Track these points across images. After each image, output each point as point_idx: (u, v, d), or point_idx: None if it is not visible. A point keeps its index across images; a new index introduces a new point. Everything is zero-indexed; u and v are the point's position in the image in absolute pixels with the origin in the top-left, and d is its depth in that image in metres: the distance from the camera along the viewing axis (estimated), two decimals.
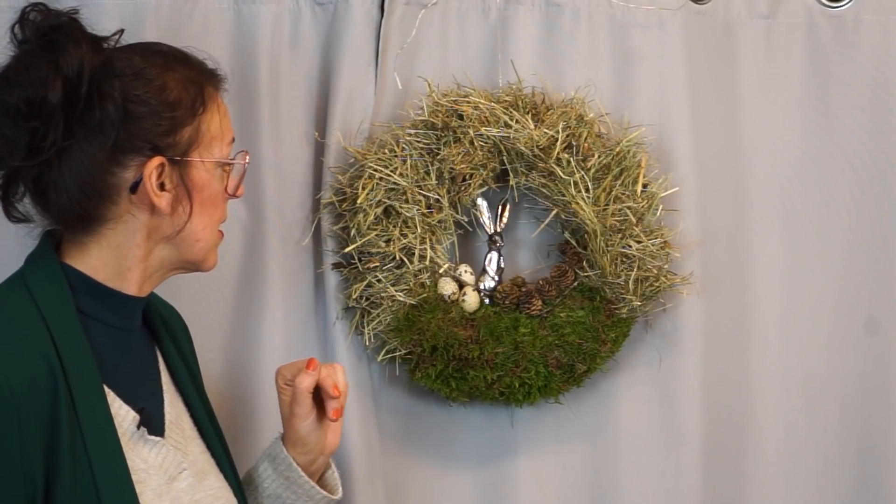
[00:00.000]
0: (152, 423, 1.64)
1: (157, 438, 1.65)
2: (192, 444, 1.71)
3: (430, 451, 2.19)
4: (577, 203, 2.10)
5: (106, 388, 1.60)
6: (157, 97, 1.61)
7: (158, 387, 1.72)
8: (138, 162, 1.61)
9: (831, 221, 2.29)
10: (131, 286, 1.66)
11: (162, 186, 1.62)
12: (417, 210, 2.09)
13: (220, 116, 1.68)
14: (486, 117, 2.10)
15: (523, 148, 2.10)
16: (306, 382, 1.79)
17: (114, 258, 1.64)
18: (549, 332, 2.12)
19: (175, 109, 1.63)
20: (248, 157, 1.74)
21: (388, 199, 2.08)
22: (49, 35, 1.59)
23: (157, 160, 1.61)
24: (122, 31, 1.67)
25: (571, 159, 2.10)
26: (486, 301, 2.15)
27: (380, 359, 2.13)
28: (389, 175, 2.08)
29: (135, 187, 1.61)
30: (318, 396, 1.82)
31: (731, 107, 2.27)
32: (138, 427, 1.62)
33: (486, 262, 2.17)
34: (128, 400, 1.63)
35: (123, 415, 1.61)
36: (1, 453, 1.49)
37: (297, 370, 1.81)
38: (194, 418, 1.75)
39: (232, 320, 2.12)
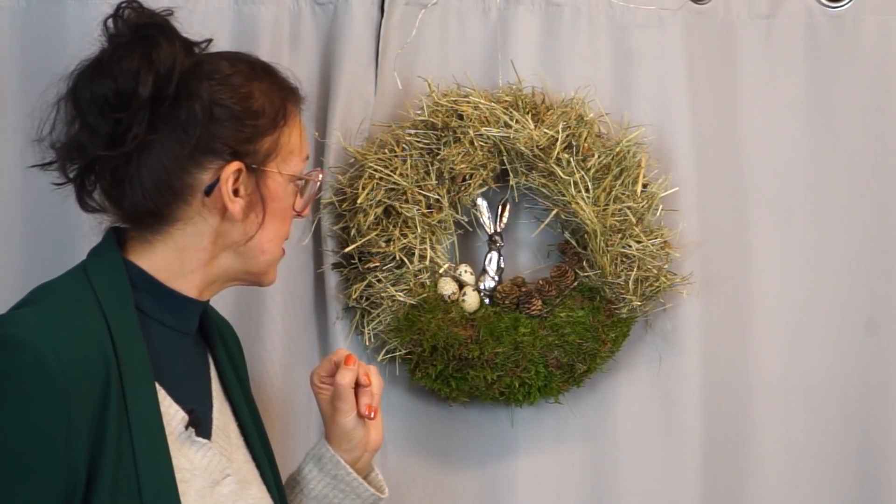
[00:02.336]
0: (201, 425, 1.64)
1: (204, 441, 1.64)
2: (237, 452, 1.71)
3: (430, 451, 2.19)
4: (577, 203, 2.10)
5: (157, 387, 1.60)
6: (241, 104, 1.63)
7: (209, 392, 1.72)
8: (217, 165, 1.62)
9: (831, 221, 2.29)
10: (192, 289, 1.66)
11: (237, 192, 1.63)
12: (417, 210, 2.09)
13: (299, 132, 1.70)
14: (486, 117, 2.11)
15: (523, 148, 2.10)
16: (347, 378, 1.80)
17: (178, 259, 1.64)
18: (549, 332, 2.12)
19: (258, 118, 1.64)
20: (321, 176, 1.75)
21: (389, 199, 2.08)
22: (144, 31, 1.61)
23: (235, 165, 1.62)
24: (210, 39, 1.69)
25: (571, 159, 2.10)
26: (486, 301, 2.15)
27: (380, 359, 2.13)
28: (389, 175, 2.08)
29: (210, 189, 1.62)
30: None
31: (731, 107, 2.27)
32: (186, 427, 1.62)
33: (486, 262, 2.17)
34: (178, 400, 1.63)
35: (172, 414, 1.61)
36: (48, 438, 1.49)
37: (332, 367, 1.81)
38: (241, 428, 1.75)
39: (232, 320, 2.11)
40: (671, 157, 2.20)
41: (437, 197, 2.10)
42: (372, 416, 1.81)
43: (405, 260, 2.09)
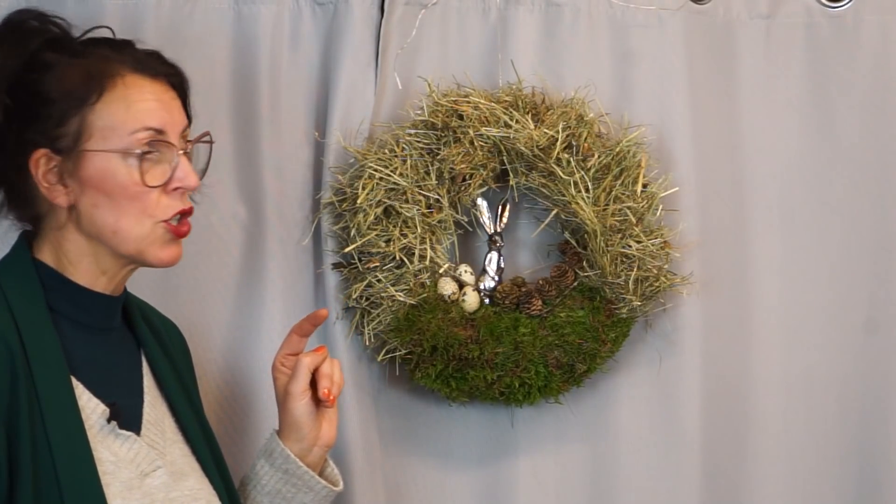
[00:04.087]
0: (122, 417, 1.64)
1: (129, 434, 1.65)
2: (172, 447, 1.71)
3: (430, 451, 2.19)
4: (577, 203, 2.10)
5: (75, 381, 1.61)
6: (31, 97, 1.63)
7: (140, 387, 1.72)
8: (30, 157, 1.63)
9: (831, 221, 2.29)
10: (93, 282, 1.67)
11: (59, 181, 1.63)
12: (417, 210, 2.09)
13: (127, 105, 1.64)
14: (486, 117, 2.10)
15: (523, 148, 2.10)
16: (308, 358, 1.80)
17: (62, 253, 1.66)
18: (549, 332, 2.12)
19: (51, 105, 1.63)
20: (168, 139, 1.66)
21: (388, 199, 2.08)
22: None
23: (39, 152, 1.63)
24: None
25: (571, 159, 2.10)
26: (486, 301, 2.15)
27: (380, 359, 2.13)
28: (389, 175, 2.08)
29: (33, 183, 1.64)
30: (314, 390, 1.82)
31: (731, 107, 2.27)
32: (108, 420, 1.63)
33: (486, 262, 2.17)
34: (98, 394, 1.64)
35: (93, 408, 1.62)
36: None
37: (297, 346, 1.82)
38: (180, 423, 1.75)
39: (232, 320, 2.12)
40: (671, 157, 2.20)
41: (437, 197, 2.10)
42: (330, 400, 1.80)
43: (405, 260, 2.09)
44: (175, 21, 2.09)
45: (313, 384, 1.82)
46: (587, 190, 2.10)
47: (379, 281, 2.09)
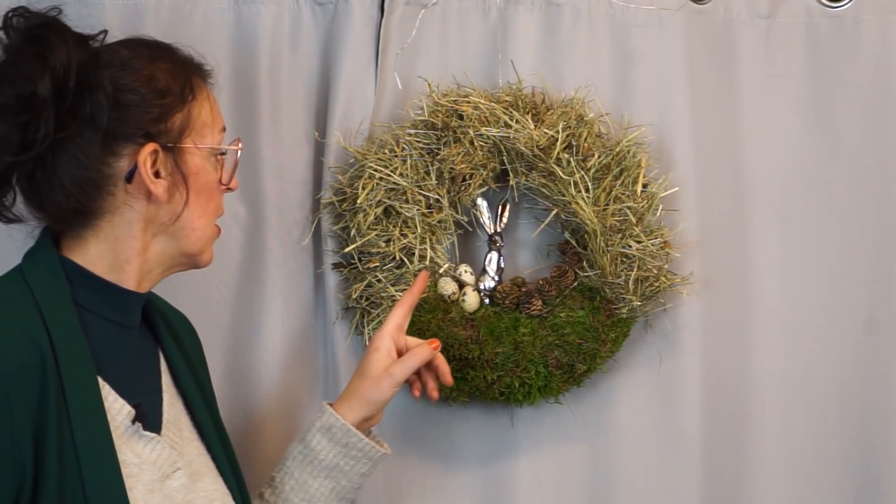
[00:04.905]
0: (147, 418, 1.64)
1: (153, 435, 1.65)
2: (189, 446, 1.71)
3: (430, 451, 2.19)
4: (577, 203, 2.10)
5: (101, 381, 1.61)
6: (145, 85, 1.64)
7: (158, 386, 1.72)
8: (132, 150, 1.63)
9: (831, 221, 2.29)
10: (130, 281, 1.67)
11: (158, 174, 1.64)
12: (417, 210, 2.09)
13: (210, 105, 1.71)
14: (486, 117, 2.10)
15: (523, 148, 2.10)
16: (426, 351, 1.90)
17: (112, 251, 1.65)
18: (549, 332, 2.12)
19: (164, 97, 1.65)
20: (240, 145, 1.75)
21: (388, 199, 2.08)
22: (34, 32, 1.62)
23: (150, 146, 1.63)
24: (105, 31, 1.70)
25: (571, 159, 2.10)
26: (486, 301, 2.15)
27: None
28: (389, 175, 2.08)
29: (130, 176, 1.63)
30: None
31: (731, 107, 2.27)
32: (133, 422, 1.62)
33: (486, 262, 2.17)
34: (123, 394, 1.63)
35: (118, 408, 1.62)
36: None
37: (407, 339, 1.92)
38: (195, 421, 1.75)
39: (232, 320, 2.12)
40: (671, 157, 2.20)
41: (437, 197, 2.10)
42: (435, 397, 1.95)
43: (405, 260, 2.09)
44: (175, 21, 2.09)
45: None
46: (587, 190, 2.10)
47: (379, 281, 2.09)
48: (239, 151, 1.74)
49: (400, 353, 1.91)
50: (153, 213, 1.65)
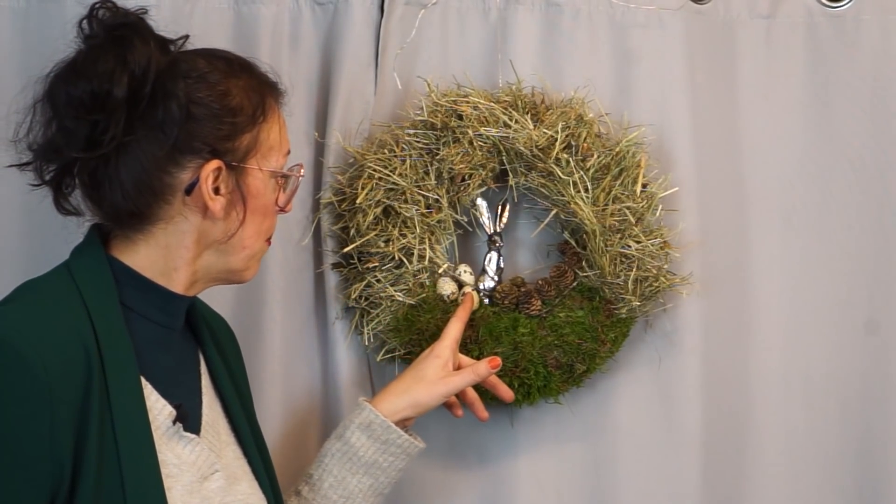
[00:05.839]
0: (188, 419, 1.64)
1: (193, 436, 1.65)
2: (226, 449, 1.72)
3: (430, 451, 2.19)
4: (577, 203, 2.10)
5: (143, 381, 1.61)
6: (219, 101, 1.63)
7: (198, 387, 1.73)
8: (196, 164, 1.62)
9: (831, 221, 2.29)
10: (177, 286, 1.67)
11: (217, 191, 1.64)
12: (417, 210, 2.09)
13: (279, 127, 1.70)
14: (485, 117, 2.11)
15: (522, 148, 2.10)
16: (486, 373, 1.98)
17: (161, 258, 1.65)
18: (549, 333, 2.12)
19: (236, 115, 1.64)
20: (302, 172, 1.75)
21: (388, 199, 2.09)
22: (118, 31, 1.61)
23: (214, 163, 1.62)
24: (186, 36, 1.69)
25: (571, 159, 2.10)
26: (486, 301, 2.15)
27: (379, 359, 2.13)
28: (389, 175, 2.08)
29: (190, 189, 1.63)
30: None
31: (731, 107, 2.27)
32: (174, 422, 1.62)
33: (486, 262, 2.17)
34: (165, 395, 1.64)
35: (160, 409, 1.62)
36: (32, 434, 1.49)
37: (461, 356, 2.02)
38: (232, 424, 1.76)
39: (232, 320, 2.11)
40: (671, 157, 2.20)
41: (437, 197, 2.10)
42: (485, 417, 2.05)
43: (404, 260, 2.09)
44: (175, 21, 2.08)
45: None
46: (586, 190, 2.10)
47: (378, 281, 2.09)
48: (301, 176, 1.75)
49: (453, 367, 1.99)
50: (207, 227, 1.65)
